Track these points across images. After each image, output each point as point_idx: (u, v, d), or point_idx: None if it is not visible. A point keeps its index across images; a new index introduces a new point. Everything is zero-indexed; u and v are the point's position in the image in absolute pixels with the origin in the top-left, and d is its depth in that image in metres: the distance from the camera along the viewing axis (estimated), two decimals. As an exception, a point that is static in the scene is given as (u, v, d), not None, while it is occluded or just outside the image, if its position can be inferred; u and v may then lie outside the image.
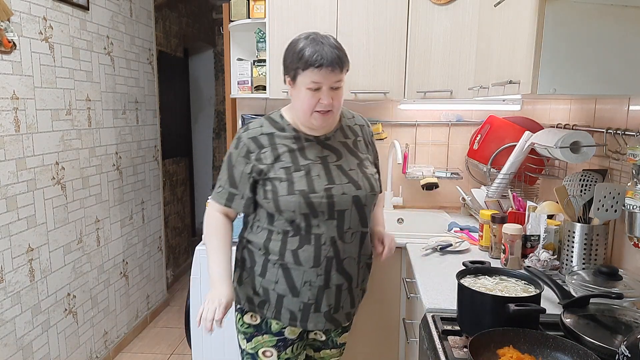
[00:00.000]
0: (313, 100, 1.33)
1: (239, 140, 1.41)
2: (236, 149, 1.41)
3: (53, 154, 2.35)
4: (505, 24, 1.52)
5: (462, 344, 1.16)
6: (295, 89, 1.36)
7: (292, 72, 1.35)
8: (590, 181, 1.56)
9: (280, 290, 1.42)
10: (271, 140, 1.40)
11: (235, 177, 1.41)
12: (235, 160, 1.41)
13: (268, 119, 1.44)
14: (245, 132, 1.41)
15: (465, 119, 2.66)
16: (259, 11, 2.42)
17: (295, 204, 1.35)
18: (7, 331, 2.06)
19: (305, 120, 1.38)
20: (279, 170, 1.37)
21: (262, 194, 1.39)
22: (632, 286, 1.29)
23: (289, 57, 1.35)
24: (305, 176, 1.37)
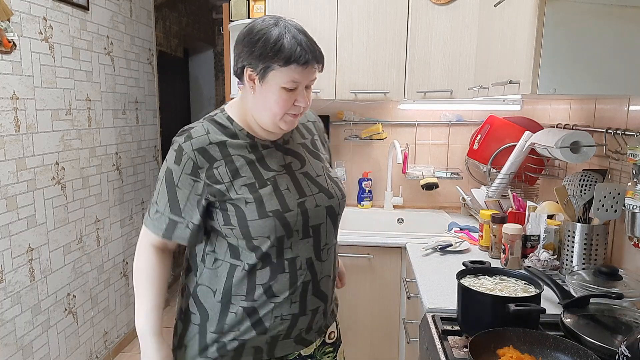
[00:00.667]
0: (288, 101, 1.09)
1: (180, 152, 1.09)
2: (178, 165, 1.08)
3: (53, 154, 2.35)
4: (505, 24, 1.52)
5: (462, 344, 1.16)
6: (265, 87, 1.08)
7: (260, 67, 1.06)
8: (590, 181, 1.56)
9: (244, 336, 1.16)
10: (223, 150, 1.11)
11: (178, 201, 1.10)
12: (178, 179, 1.09)
13: (213, 123, 1.14)
14: (186, 141, 1.09)
15: (465, 119, 2.66)
16: (259, 11, 2.42)
17: (270, 228, 1.10)
18: (7, 331, 2.06)
19: (272, 124, 1.12)
20: (241, 189, 1.10)
21: (220, 220, 1.11)
22: (632, 286, 1.29)
23: (258, 47, 1.06)
24: (274, 192, 1.12)
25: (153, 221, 1.13)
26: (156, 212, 1.13)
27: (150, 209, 1.15)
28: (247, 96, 1.14)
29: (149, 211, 1.15)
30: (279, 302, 1.15)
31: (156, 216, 1.13)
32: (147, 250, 1.17)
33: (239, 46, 1.10)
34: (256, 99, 1.11)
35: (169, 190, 1.10)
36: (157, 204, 1.12)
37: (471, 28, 2.13)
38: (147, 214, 1.15)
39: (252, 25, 1.10)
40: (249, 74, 1.09)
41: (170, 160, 1.10)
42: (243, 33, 1.10)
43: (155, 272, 1.18)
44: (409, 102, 2.53)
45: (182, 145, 1.09)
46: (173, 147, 1.11)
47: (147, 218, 1.15)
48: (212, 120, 1.15)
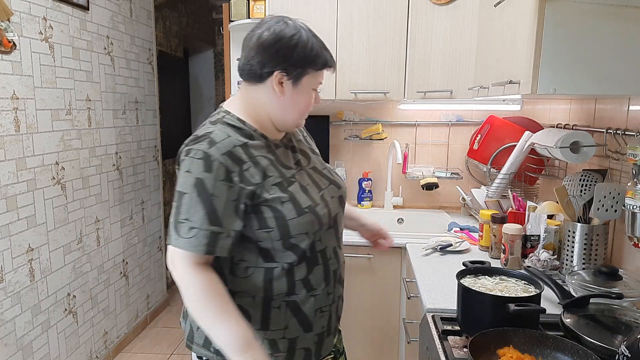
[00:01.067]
0: (311, 101, 1.18)
1: (208, 159, 1.05)
2: (209, 172, 1.04)
3: (53, 154, 2.35)
4: (505, 24, 1.52)
5: (462, 344, 1.16)
6: (298, 89, 1.14)
7: (297, 71, 1.12)
8: (590, 181, 1.56)
9: (292, 334, 1.17)
10: (247, 152, 1.10)
11: (216, 211, 1.04)
12: (212, 188, 1.04)
13: (229, 126, 1.13)
14: (212, 147, 1.06)
15: (465, 119, 2.66)
16: (259, 11, 2.42)
17: (308, 224, 1.12)
18: (7, 331, 2.06)
19: (294, 123, 1.19)
20: (272, 189, 1.10)
21: (255, 224, 1.10)
22: (632, 286, 1.29)
23: (296, 54, 1.11)
24: (302, 189, 1.15)
25: (189, 240, 1.04)
26: (191, 229, 1.04)
27: (178, 228, 1.05)
28: (266, 98, 1.15)
29: (178, 230, 1.05)
30: (318, 295, 1.18)
31: (192, 233, 1.04)
32: (194, 271, 1.05)
33: (268, 51, 1.11)
34: (284, 102, 1.14)
35: (203, 201, 1.04)
36: (190, 220, 1.04)
37: (471, 28, 2.13)
38: (176, 234, 1.05)
39: (279, 31, 1.12)
40: (279, 78, 1.11)
41: (198, 169, 1.04)
42: (270, 39, 1.11)
43: (219, 287, 1.06)
44: (409, 102, 2.53)
45: (208, 152, 1.05)
46: (195, 155, 1.05)
47: (179, 239, 1.04)
48: (225, 123, 1.13)
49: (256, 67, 1.13)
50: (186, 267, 1.06)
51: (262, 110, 1.16)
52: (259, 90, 1.15)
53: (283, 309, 1.15)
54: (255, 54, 1.13)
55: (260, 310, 1.14)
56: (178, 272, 1.07)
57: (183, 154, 1.09)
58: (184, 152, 1.09)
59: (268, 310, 1.14)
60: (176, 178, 1.12)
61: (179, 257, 1.06)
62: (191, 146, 1.08)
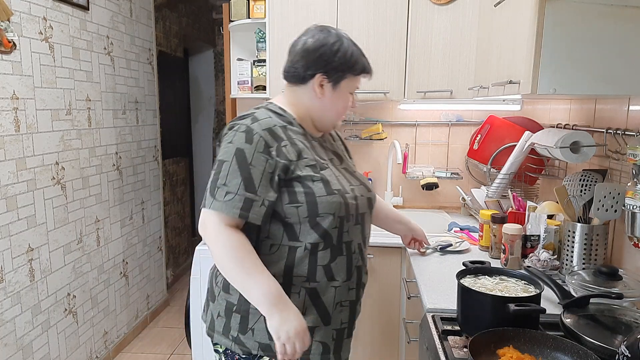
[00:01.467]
0: (348, 103, 1.30)
1: (249, 133, 1.15)
2: (250, 144, 1.14)
3: (53, 154, 2.35)
4: (505, 24, 1.52)
5: (462, 344, 1.16)
6: (337, 92, 1.25)
7: (337, 75, 1.23)
8: (590, 181, 1.56)
9: (310, 322, 1.18)
10: (286, 132, 1.20)
11: (253, 180, 1.12)
12: (251, 158, 1.13)
13: (271, 111, 1.24)
14: (255, 123, 1.17)
15: (465, 119, 2.66)
16: (259, 11, 2.42)
17: (337, 205, 1.17)
18: (7, 331, 2.06)
19: (332, 123, 1.31)
20: (306, 169, 1.18)
21: (285, 199, 1.16)
22: (632, 286, 1.29)
23: (337, 59, 1.22)
24: (334, 175, 1.22)
25: (225, 202, 1.12)
26: (228, 194, 1.12)
27: (216, 192, 1.13)
28: (307, 99, 1.26)
29: (215, 194, 1.13)
30: (339, 287, 1.22)
31: (228, 197, 1.12)
32: (227, 231, 1.12)
33: (311, 55, 1.22)
34: (324, 103, 1.26)
35: (241, 169, 1.13)
36: (227, 185, 1.13)
37: (471, 28, 2.13)
38: (212, 197, 1.13)
39: (323, 38, 1.23)
40: (320, 80, 1.23)
41: (239, 140, 1.15)
42: (315, 45, 1.23)
43: (249, 246, 1.14)
44: (409, 102, 2.53)
45: (250, 127, 1.17)
46: (238, 129, 1.17)
47: (215, 202, 1.12)
48: (268, 109, 1.25)
49: (300, 70, 1.24)
50: (219, 227, 1.12)
51: (303, 108, 1.28)
52: (300, 91, 1.27)
53: (302, 295, 1.19)
54: (300, 58, 1.24)
55: None
56: (210, 233, 1.13)
57: (226, 129, 1.20)
58: (227, 127, 1.21)
59: (288, 293, 1.15)
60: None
61: (212, 219, 1.13)
62: (235, 122, 1.20)
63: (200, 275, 2.25)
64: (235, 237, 1.13)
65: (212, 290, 1.28)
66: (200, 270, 2.25)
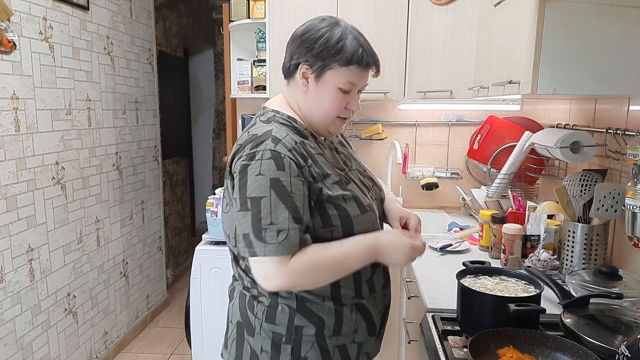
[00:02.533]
0: (342, 103, 1.10)
1: (278, 158, 1.00)
2: (284, 170, 0.99)
3: (53, 154, 2.35)
4: (505, 24, 1.52)
5: (462, 344, 1.16)
6: (320, 85, 1.08)
7: (318, 64, 1.06)
8: (590, 181, 1.56)
9: (360, 337, 1.14)
10: (306, 149, 1.07)
11: (298, 208, 1.00)
12: (290, 185, 0.99)
13: (282, 125, 1.10)
14: (278, 144, 1.02)
15: (465, 119, 2.66)
16: (259, 11, 2.42)
17: (370, 222, 1.10)
18: (7, 331, 2.06)
19: (322, 125, 1.13)
20: (333, 187, 1.07)
21: (318, 223, 1.05)
22: (632, 286, 1.29)
23: (319, 45, 1.06)
24: (359, 188, 1.13)
25: (281, 244, 0.97)
26: (280, 232, 0.97)
27: (264, 234, 0.97)
28: (298, 94, 1.13)
29: (264, 238, 0.97)
30: (378, 295, 1.17)
31: (282, 236, 0.97)
32: (295, 266, 0.99)
33: (295, 42, 1.10)
34: (308, 98, 1.11)
35: (284, 201, 0.98)
36: (276, 223, 0.97)
37: (471, 28, 2.13)
38: (262, 241, 0.97)
39: (311, 24, 1.10)
40: (304, 71, 1.08)
41: (270, 169, 0.99)
42: (301, 30, 1.10)
43: (316, 251, 1.02)
44: (409, 102, 2.53)
45: (276, 150, 1.01)
46: (263, 156, 1.00)
47: (269, 245, 0.97)
48: (278, 122, 1.10)
49: (286, 60, 1.12)
50: (285, 270, 0.98)
51: (298, 107, 1.14)
52: (292, 87, 1.14)
53: (355, 313, 1.12)
54: (287, 47, 1.12)
55: (333, 315, 1.09)
56: (280, 282, 1.00)
57: (245, 159, 1.01)
58: (246, 157, 1.02)
59: (340, 314, 1.10)
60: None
61: (273, 267, 0.99)
62: (254, 149, 1.01)
63: (200, 275, 2.25)
64: (305, 259, 1.00)
65: (248, 323, 1.12)
66: (200, 270, 2.25)
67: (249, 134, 1.07)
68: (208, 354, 2.32)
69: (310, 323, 1.08)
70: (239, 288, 1.16)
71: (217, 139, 5.34)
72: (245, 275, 1.11)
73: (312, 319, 1.08)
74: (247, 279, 1.11)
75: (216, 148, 5.35)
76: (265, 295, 1.09)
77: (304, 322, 1.08)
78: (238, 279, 1.16)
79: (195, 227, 4.86)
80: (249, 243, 0.99)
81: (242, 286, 1.14)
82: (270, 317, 1.09)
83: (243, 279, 1.13)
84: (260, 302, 1.10)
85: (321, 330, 1.08)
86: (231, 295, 1.20)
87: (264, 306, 1.09)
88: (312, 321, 1.08)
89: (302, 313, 1.08)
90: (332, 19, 1.11)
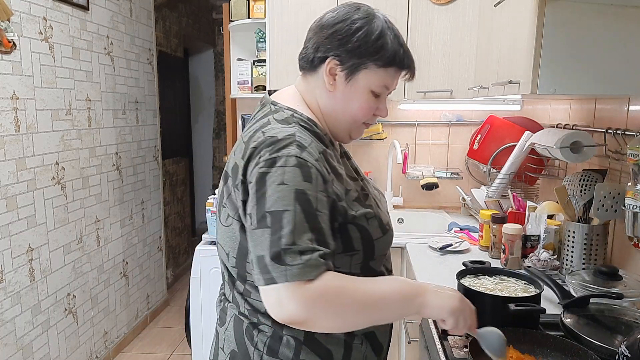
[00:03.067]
0: (372, 108, 0.97)
1: (305, 166, 0.84)
2: (310, 182, 0.83)
3: (53, 154, 2.35)
4: (505, 24, 1.52)
5: (462, 344, 1.16)
6: (351, 86, 0.94)
7: (352, 62, 0.92)
8: (590, 181, 1.56)
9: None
10: (328, 160, 0.91)
11: (323, 229, 0.83)
12: (316, 201, 0.83)
13: (305, 129, 0.93)
14: (304, 152, 0.85)
15: (465, 119, 2.66)
16: (259, 11, 2.42)
17: (388, 244, 0.99)
18: (7, 331, 2.06)
19: (345, 130, 0.99)
20: (354, 205, 0.92)
21: (341, 246, 0.90)
22: (632, 286, 1.29)
23: (356, 39, 0.91)
24: (376, 203, 1.00)
25: (306, 265, 0.78)
26: (302, 253, 0.79)
27: (283, 257, 0.78)
28: (319, 92, 0.98)
29: (283, 260, 0.78)
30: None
31: (305, 257, 0.79)
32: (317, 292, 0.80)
33: (324, 32, 0.94)
34: (334, 99, 0.96)
35: (309, 219, 0.81)
36: (298, 243, 0.79)
37: (471, 28, 2.13)
38: (282, 264, 0.78)
39: (344, 12, 0.94)
40: (332, 67, 0.94)
41: (296, 178, 0.82)
42: (332, 18, 0.94)
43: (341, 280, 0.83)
44: (409, 102, 2.53)
45: (302, 158, 0.84)
46: (286, 163, 0.83)
47: (290, 269, 0.78)
48: (299, 125, 0.93)
49: (310, 51, 0.96)
50: (304, 294, 0.79)
51: (316, 108, 0.98)
52: (311, 82, 0.98)
53: (364, 344, 0.98)
54: (313, 35, 0.96)
55: (342, 347, 0.95)
56: (298, 309, 0.79)
57: (263, 166, 0.84)
58: (264, 163, 0.84)
59: (350, 345, 0.96)
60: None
61: (287, 293, 0.79)
62: (275, 154, 0.84)
63: (200, 275, 2.25)
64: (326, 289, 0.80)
65: (245, 354, 0.96)
66: (200, 270, 2.25)
67: (265, 135, 0.88)
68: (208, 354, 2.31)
69: (318, 357, 0.94)
70: (233, 312, 0.99)
71: (217, 139, 5.34)
72: (243, 301, 0.96)
73: (320, 352, 0.94)
74: (246, 304, 0.96)
75: (216, 148, 5.35)
76: (268, 324, 0.93)
77: (311, 356, 0.94)
78: (232, 302, 0.99)
79: (195, 227, 4.86)
80: (264, 268, 0.80)
81: (238, 311, 0.98)
82: (272, 350, 0.94)
83: (239, 304, 0.97)
84: (261, 331, 0.94)
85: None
86: (222, 318, 1.02)
87: (266, 336, 0.94)
88: (320, 354, 0.94)
89: (309, 346, 0.93)
90: (367, 7, 0.96)
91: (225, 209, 0.95)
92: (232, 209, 0.93)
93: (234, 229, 0.93)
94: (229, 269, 0.98)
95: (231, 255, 0.96)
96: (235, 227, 0.92)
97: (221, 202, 0.97)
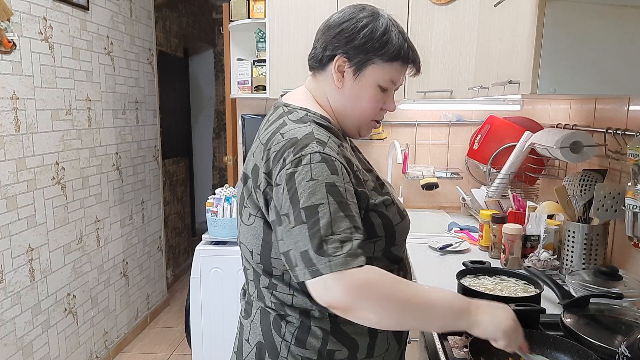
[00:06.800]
0: (380, 103, 1.01)
1: (330, 161, 0.87)
2: (337, 174, 0.87)
3: (53, 154, 2.35)
4: (505, 24, 1.52)
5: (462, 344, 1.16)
6: (359, 82, 0.98)
7: (359, 58, 0.97)
8: (590, 181, 1.56)
9: (390, 356, 1.04)
10: (344, 154, 0.95)
11: (355, 216, 0.87)
12: (345, 192, 0.87)
13: (321, 127, 0.97)
14: (326, 147, 0.89)
15: (465, 119, 2.66)
16: (259, 11, 2.42)
17: (407, 230, 1.04)
18: (7, 331, 2.06)
19: (354, 126, 1.04)
20: (373, 194, 0.97)
21: (364, 234, 0.90)
22: (632, 286, 1.29)
23: (362, 36, 0.96)
24: (390, 191, 1.05)
25: (348, 255, 0.81)
26: (344, 243, 0.82)
27: (325, 249, 0.80)
28: (329, 90, 1.02)
29: (325, 251, 0.80)
30: None
31: (347, 247, 0.81)
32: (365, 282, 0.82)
33: (331, 31, 0.98)
34: (343, 95, 1.00)
35: (342, 208, 0.85)
36: (337, 233, 0.82)
37: (471, 28, 2.13)
38: (324, 255, 0.80)
39: (350, 12, 0.99)
40: (340, 64, 0.98)
41: (324, 173, 0.85)
42: (338, 19, 0.99)
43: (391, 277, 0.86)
44: (409, 102, 2.53)
45: (325, 153, 0.88)
46: (312, 160, 0.86)
47: (333, 259, 0.80)
48: (315, 122, 0.96)
49: (319, 51, 1.00)
50: (352, 279, 0.81)
51: (327, 105, 1.03)
52: (321, 81, 1.03)
53: (388, 332, 1.01)
54: (321, 35, 1.01)
55: (368, 336, 0.98)
56: (344, 293, 0.81)
57: (290, 167, 0.87)
58: (290, 164, 0.87)
59: (375, 335, 0.98)
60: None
61: (335, 279, 0.80)
62: (299, 154, 0.87)
63: (200, 275, 2.25)
64: (375, 279, 0.83)
65: (271, 345, 0.98)
66: (200, 270, 2.25)
67: (284, 138, 0.91)
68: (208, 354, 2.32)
69: (344, 347, 0.96)
70: (260, 304, 1.02)
71: (217, 139, 5.34)
72: (270, 295, 0.98)
73: (346, 342, 0.96)
74: (272, 298, 0.98)
75: (216, 148, 5.35)
76: (295, 315, 0.96)
77: (337, 346, 0.96)
78: (257, 297, 1.02)
79: (195, 227, 4.86)
80: (309, 262, 0.81)
81: (264, 304, 1.00)
82: (300, 341, 0.96)
83: (264, 298, 0.99)
84: (289, 322, 0.96)
85: (354, 354, 0.97)
86: (248, 311, 1.05)
87: (294, 327, 0.96)
88: (346, 344, 0.96)
89: (335, 336, 0.95)
90: (371, 7, 1.00)
91: (246, 209, 0.98)
92: (254, 208, 0.96)
93: (257, 226, 0.96)
94: (254, 266, 1.01)
95: (255, 252, 0.98)
96: (258, 225, 0.96)
97: (242, 203, 1.00)
